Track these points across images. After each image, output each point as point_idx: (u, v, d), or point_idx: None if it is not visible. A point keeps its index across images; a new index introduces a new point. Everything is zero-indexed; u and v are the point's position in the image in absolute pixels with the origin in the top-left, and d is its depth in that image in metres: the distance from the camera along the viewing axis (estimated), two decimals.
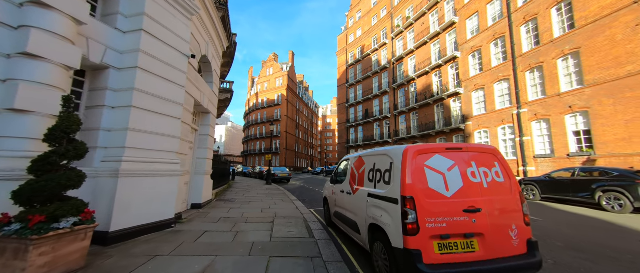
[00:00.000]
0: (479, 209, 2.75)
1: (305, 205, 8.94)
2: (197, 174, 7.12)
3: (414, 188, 2.77)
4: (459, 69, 22.74)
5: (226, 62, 24.87)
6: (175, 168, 4.95)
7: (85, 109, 4.24)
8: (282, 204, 8.39)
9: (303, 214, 6.82)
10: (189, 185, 6.87)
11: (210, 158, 7.96)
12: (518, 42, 17.46)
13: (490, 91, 19.37)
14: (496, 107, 18.87)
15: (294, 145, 62.25)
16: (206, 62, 7.32)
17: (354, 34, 41.80)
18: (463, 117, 21.81)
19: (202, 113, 7.52)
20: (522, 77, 17.03)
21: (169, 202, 4.82)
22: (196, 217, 6.04)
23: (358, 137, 37.72)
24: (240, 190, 12.78)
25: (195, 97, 6.13)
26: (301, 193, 12.61)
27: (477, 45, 20.73)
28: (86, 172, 3.81)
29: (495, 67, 19.01)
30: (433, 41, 26.30)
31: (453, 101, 23.47)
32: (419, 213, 2.68)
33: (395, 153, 3.16)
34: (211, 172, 8.07)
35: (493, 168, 3.03)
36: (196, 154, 7.21)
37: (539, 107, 15.87)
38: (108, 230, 3.77)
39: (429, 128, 25.69)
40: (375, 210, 3.34)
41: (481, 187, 2.89)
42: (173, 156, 4.97)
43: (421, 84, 27.52)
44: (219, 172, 10.90)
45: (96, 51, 4.05)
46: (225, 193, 10.98)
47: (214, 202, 8.31)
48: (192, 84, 5.96)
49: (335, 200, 5.25)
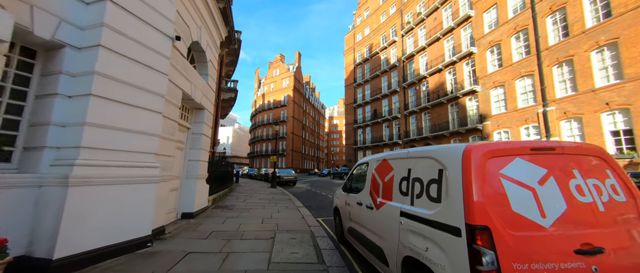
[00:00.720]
0: (599, 249, 1.68)
1: (312, 213, 7.93)
2: (189, 179, 6.20)
3: (489, 213, 1.72)
4: (476, 65, 21.37)
5: (230, 60, 24.22)
6: (151, 173, 4.01)
7: (35, 99, 3.34)
8: (286, 212, 7.40)
9: (310, 226, 5.80)
10: (178, 192, 5.95)
11: (206, 160, 7.04)
12: (543, 35, 16.06)
13: (512, 88, 17.97)
14: (518, 105, 17.46)
15: (300, 147, 61.40)
16: (199, 50, 6.42)
17: (362, 32, 40.71)
18: (480, 117, 20.43)
19: (195, 109, 6.61)
20: (549, 72, 15.61)
21: (143, 215, 3.88)
22: (183, 230, 5.09)
23: (366, 138, 36.51)
24: (242, 194, 11.86)
25: (183, 88, 5.20)
26: (308, 198, 11.60)
27: (496, 39, 19.36)
28: (28, 179, 2.90)
29: (517, 62, 17.61)
30: (446, 37, 24.97)
31: (469, 100, 22.08)
32: (500, 255, 1.63)
33: (447, 156, 2.12)
34: (207, 176, 7.15)
35: (607, 180, 1.95)
36: (188, 155, 6.30)
37: (569, 104, 14.44)
38: (51, 258, 2.84)
39: (442, 128, 24.33)
40: (414, 238, 2.30)
41: (595, 211, 1.81)
42: (149, 158, 4.03)
43: (433, 82, 26.19)
44: (219, 175, 10.01)
45: (45, 23, 3.15)
46: (225, 198, 10.07)
47: (210, 209, 7.38)
48: (179, 73, 5.03)
49: (350, 213, 4.21)
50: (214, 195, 8.68)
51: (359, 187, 4.00)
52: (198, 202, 6.41)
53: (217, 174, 9.76)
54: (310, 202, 10.46)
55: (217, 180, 9.64)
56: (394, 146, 31.34)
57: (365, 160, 4.13)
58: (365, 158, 4.17)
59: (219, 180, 9.80)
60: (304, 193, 13.84)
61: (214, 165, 9.24)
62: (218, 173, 9.91)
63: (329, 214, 7.97)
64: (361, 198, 3.77)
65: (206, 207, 7.17)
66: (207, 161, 7.15)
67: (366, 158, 4.08)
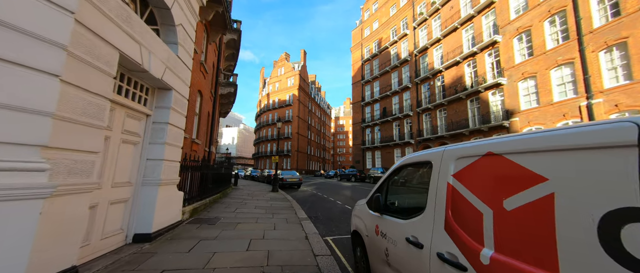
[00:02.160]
0: None
1: (319, 228, 6.08)
2: (148, 185, 4.43)
3: None
4: (500, 55, 19.21)
5: (230, 54, 22.60)
6: (28, 181, 2.23)
7: None
8: (285, 229, 5.56)
9: (316, 256, 3.95)
10: (128, 204, 4.17)
11: (177, 159, 5.27)
12: (586, 16, 13.86)
13: (545, 79, 15.78)
14: (554, 99, 15.26)
15: (305, 147, 59.65)
16: (162, 7, 4.64)
17: (370, 27, 38.75)
18: (506, 112, 18.25)
19: (158, 90, 4.83)
20: (594, 58, 13.41)
21: (7, 258, 2.10)
22: (117, 268, 3.30)
23: (375, 138, 34.47)
24: (236, 200, 10.08)
25: (121, 49, 3.40)
26: (313, 206, 9.75)
27: (525, 25, 17.19)
28: None
29: (552, 49, 15.43)
30: (465, 26, 22.84)
31: (492, 94, 19.91)
32: None
33: None
34: (178, 180, 5.37)
35: None
36: (147, 153, 4.52)
37: (622, 95, 12.22)
38: None
39: (460, 126, 22.17)
40: None
41: None
42: (26, 154, 2.25)
43: (450, 76, 24.06)
44: (207, 178, 8.26)
45: None
46: (213, 206, 8.29)
47: (185, 224, 5.59)
48: (112, 23, 3.23)
49: (387, 252, 2.34)
50: (197, 204, 6.91)
51: (408, 207, 2.15)
52: (161, 218, 4.63)
53: (205, 177, 8.01)
54: (316, 211, 8.61)
55: (204, 184, 7.88)
56: (405, 146, 29.24)
57: (421, 155, 2.23)
58: (418, 154, 2.28)
59: (205, 185, 8.04)
60: (308, 199, 11.99)
61: (200, 168, 7.50)
62: (206, 176, 8.15)
63: (341, 229, 6.11)
64: (416, 232, 1.92)
65: (178, 222, 5.38)
66: (179, 161, 5.36)
67: (424, 153, 2.18)
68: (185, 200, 6.11)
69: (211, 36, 12.79)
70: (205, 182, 7.97)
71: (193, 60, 9.89)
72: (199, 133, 11.75)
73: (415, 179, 2.32)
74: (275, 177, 14.83)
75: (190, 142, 10.07)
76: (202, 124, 12.31)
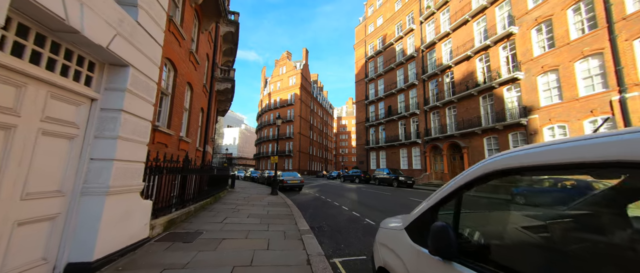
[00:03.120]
0: None
1: (324, 244, 4.85)
2: (90, 195, 3.22)
3: None
4: (516, 48, 17.88)
5: (228, 48, 21.40)
6: None
7: None
8: (280, 248, 4.32)
9: None
10: (58, 223, 2.97)
11: (141, 160, 4.05)
12: (617, 1, 12.52)
13: (569, 72, 14.43)
14: (580, 94, 13.92)
15: (307, 148, 58.43)
16: None
17: (374, 23, 37.49)
18: (524, 109, 16.91)
19: (110, 65, 3.62)
20: (627, 48, 12.06)
21: None
22: None
23: (379, 138, 33.15)
24: (229, 206, 8.86)
25: None
26: (315, 213, 8.50)
27: (545, 14, 15.86)
28: None
29: (577, 39, 14.10)
30: (476, 19, 21.53)
31: (507, 89, 18.57)
32: None
33: None
34: (142, 186, 4.15)
35: None
36: (92, 151, 3.32)
37: None
38: None
39: (472, 124, 20.84)
40: None
41: None
42: None
43: (460, 72, 22.74)
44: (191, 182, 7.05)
45: None
46: (198, 215, 7.06)
47: (151, 243, 4.37)
48: None
49: None
50: (174, 214, 5.69)
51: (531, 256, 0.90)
52: (111, 239, 3.41)
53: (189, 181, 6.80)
54: (319, 219, 7.37)
55: (185, 189, 6.67)
56: (411, 146, 27.92)
57: (584, 144, 0.88)
58: (571, 143, 0.96)
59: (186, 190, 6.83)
60: (311, 204, 10.75)
61: (184, 169, 6.30)
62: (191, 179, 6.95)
63: (352, 245, 4.86)
64: None
65: (142, 240, 4.15)
66: (143, 161, 4.14)
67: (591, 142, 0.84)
68: (157, 211, 4.89)
69: (203, 23, 11.60)
70: (188, 186, 6.75)
71: (181, 48, 8.72)
72: (190, 130, 10.54)
73: (559, 200, 1.09)
74: (274, 179, 13.61)
75: (177, 140, 8.87)
76: (193, 120, 11.11)
